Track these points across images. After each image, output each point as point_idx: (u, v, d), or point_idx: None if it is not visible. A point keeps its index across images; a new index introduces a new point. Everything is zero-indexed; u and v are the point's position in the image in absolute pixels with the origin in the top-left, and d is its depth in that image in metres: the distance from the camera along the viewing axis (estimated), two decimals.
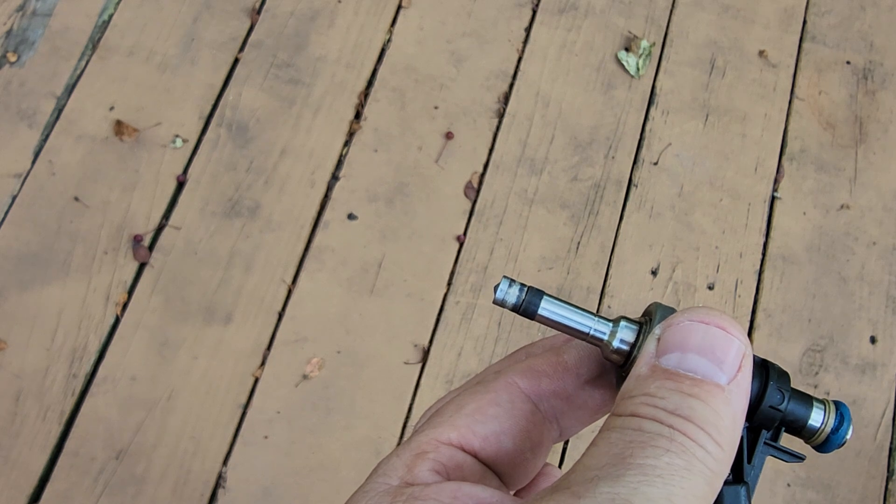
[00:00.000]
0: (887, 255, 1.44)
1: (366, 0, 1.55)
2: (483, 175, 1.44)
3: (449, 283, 1.37)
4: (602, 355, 0.36)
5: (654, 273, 1.40)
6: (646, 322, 0.35)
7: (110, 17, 1.52)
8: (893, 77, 1.57)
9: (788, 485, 1.30)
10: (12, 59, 1.47)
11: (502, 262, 1.39)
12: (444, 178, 1.43)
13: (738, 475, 0.34)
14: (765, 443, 0.35)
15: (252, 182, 1.41)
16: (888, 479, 1.32)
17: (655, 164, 1.47)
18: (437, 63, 1.52)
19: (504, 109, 1.49)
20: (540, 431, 0.37)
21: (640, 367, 0.32)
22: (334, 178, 1.43)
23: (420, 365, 1.32)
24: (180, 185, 1.41)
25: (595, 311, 0.36)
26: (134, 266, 1.35)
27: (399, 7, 1.55)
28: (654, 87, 1.53)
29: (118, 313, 1.32)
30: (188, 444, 1.26)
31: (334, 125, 1.46)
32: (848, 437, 0.35)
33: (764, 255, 1.43)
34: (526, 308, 0.35)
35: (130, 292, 1.34)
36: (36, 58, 1.48)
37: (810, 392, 0.37)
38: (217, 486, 1.25)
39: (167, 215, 1.39)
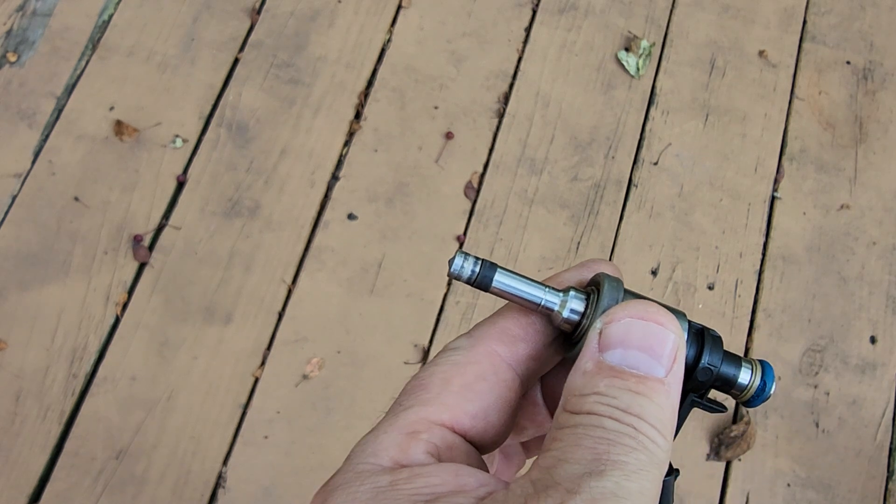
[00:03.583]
0: (887, 255, 1.44)
1: (366, 0, 1.55)
2: (483, 175, 1.44)
3: (449, 283, 1.37)
4: (553, 323, 0.38)
5: (654, 273, 1.40)
6: (593, 292, 0.37)
7: (110, 17, 1.52)
8: (893, 77, 1.57)
9: (788, 485, 1.30)
10: (12, 59, 1.47)
11: (502, 262, 1.38)
12: (444, 178, 1.43)
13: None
14: (692, 400, 0.38)
15: (252, 182, 1.41)
16: (888, 479, 1.32)
17: (655, 164, 1.47)
18: (437, 63, 1.52)
19: (504, 109, 1.49)
20: (518, 398, 0.38)
21: (585, 361, 0.34)
22: (334, 178, 1.43)
23: (420, 365, 1.32)
24: (180, 185, 1.41)
25: (545, 283, 0.38)
26: (134, 266, 1.35)
27: (399, 7, 1.55)
28: (654, 87, 1.53)
29: (118, 313, 1.32)
30: (188, 444, 1.26)
31: (334, 125, 1.46)
32: (772, 391, 0.38)
33: (764, 255, 1.43)
34: (480, 281, 0.37)
35: (130, 292, 1.34)
36: (36, 58, 1.48)
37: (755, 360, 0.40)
38: (217, 486, 1.25)
39: (167, 215, 1.39)
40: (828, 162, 1.50)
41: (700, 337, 0.38)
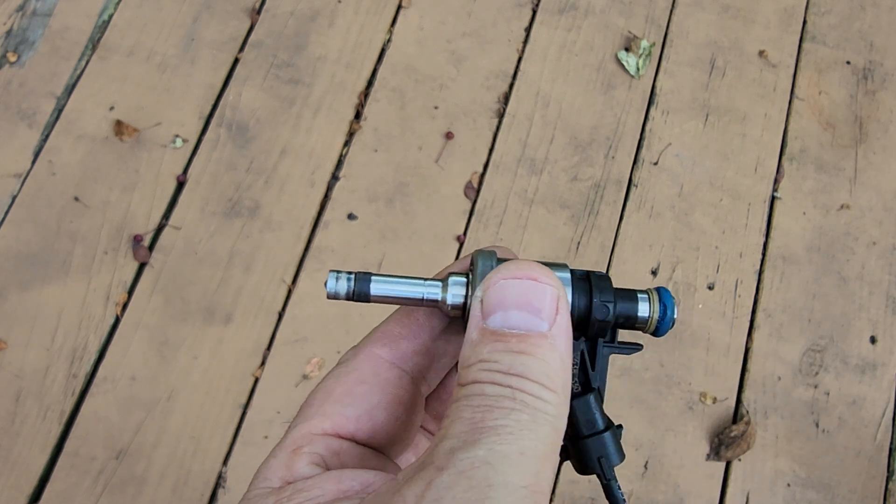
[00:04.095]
0: (887, 255, 1.44)
1: (366, 0, 1.55)
2: (483, 175, 1.44)
3: None
4: (446, 314, 0.38)
5: (654, 273, 1.40)
6: (471, 272, 0.38)
7: (110, 17, 1.52)
8: (893, 77, 1.57)
9: (788, 485, 1.30)
10: (12, 59, 1.47)
11: None
12: (444, 178, 1.43)
13: (587, 385, 0.38)
14: (603, 345, 0.38)
15: (252, 182, 1.41)
16: (888, 479, 1.32)
17: (655, 164, 1.47)
18: (437, 63, 1.52)
19: (504, 109, 1.49)
20: (410, 393, 0.39)
21: (471, 331, 0.34)
22: (334, 178, 1.43)
23: None
24: (180, 185, 1.41)
25: (424, 277, 0.39)
26: (134, 266, 1.35)
27: (399, 7, 1.55)
28: (654, 87, 1.53)
29: (118, 313, 1.32)
30: (188, 444, 1.26)
31: (334, 125, 1.46)
32: (675, 315, 0.39)
33: (764, 255, 1.43)
34: (358, 294, 0.38)
35: (130, 292, 1.34)
36: (36, 58, 1.48)
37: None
38: (217, 486, 1.25)
39: (167, 215, 1.39)
40: (828, 162, 1.50)
41: (587, 281, 0.38)
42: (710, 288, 1.40)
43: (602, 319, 0.37)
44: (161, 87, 1.47)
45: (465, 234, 1.40)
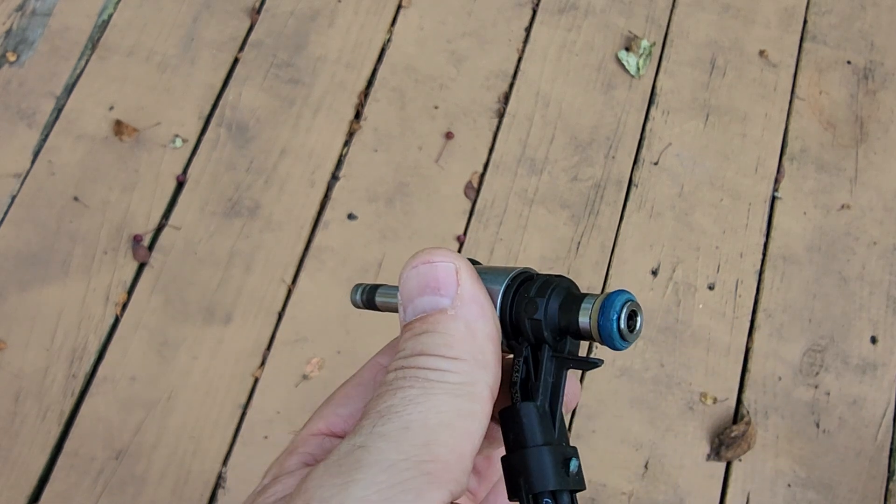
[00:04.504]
0: (888, 255, 1.44)
1: (366, 0, 1.55)
2: (483, 175, 1.44)
3: None
4: None
5: (654, 273, 1.40)
6: None
7: (110, 16, 1.52)
8: (894, 77, 1.56)
9: (789, 485, 1.30)
10: (12, 58, 1.47)
11: (502, 262, 1.38)
12: (444, 178, 1.43)
13: (527, 394, 0.34)
14: (553, 356, 0.35)
15: (252, 182, 1.41)
16: (889, 480, 1.31)
17: (656, 163, 1.47)
18: (437, 63, 1.51)
19: (504, 109, 1.49)
20: None
21: (401, 332, 0.35)
22: (334, 178, 1.42)
23: None
24: (180, 184, 1.41)
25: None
26: (134, 266, 1.35)
27: (399, 7, 1.55)
28: (654, 86, 1.52)
29: (118, 313, 1.32)
30: (188, 444, 1.26)
31: (334, 125, 1.46)
32: (626, 326, 0.33)
33: (764, 255, 1.43)
34: (367, 303, 0.41)
35: (130, 292, 1.34)
36: (35, 57, 1.48)
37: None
38: (217, 486, 1.24)
39: (167, 215, 1.39)
40: (828, 162, 1.50)
41: (520, 283, 0.35)
42: (711, 288, 1.40)
43: (532, 317, 0.34)
44: (161, 86, 1.47)
45: (465, 234, 1.40)
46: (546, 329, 0.34)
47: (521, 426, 0.33)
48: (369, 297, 0.41)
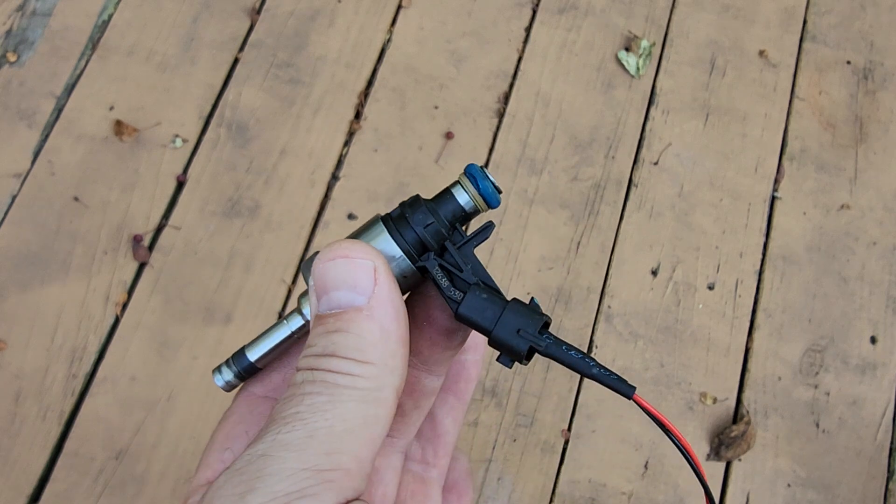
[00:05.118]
0: (887, 255, 1.44)
1: (366, 0, 1.55)
2: None
3: None
4: None
5: (654, 273, 1.40)
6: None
7: (110, 16, 1.52)
8: (894, 77, 1.56)
9: (789, 485, 1.30)
10: (12, 58, 1.47)
11: (502, 263, 1.38)
12: (444, 178, 1.43)
13: (465, 286, 0.36)
14: (458, 247, 0.37)
15: (252, 182, 1.41)
16: (888, 480, 1.31)
17: (655, 163, 1.47)
18: (437, 63, 1.51)
19: (504, 109, 1.49)
20: None
21: (312, 323, 0.34)
22: (334, 177, 1.42)
23: None
24: (180, 184, 1.41)
25: (282, 315, 0.40)
26: (134, 266, 1.35)
27: (399, 7, 1.55)
28: (654, 86, 1.53)
29: (118, 313, 1.32)
30: (188, 444, 1.26)
31: (334, 125, 1.46)
32: (493, 180, 0.38)
33: (764, 255, 1.43)
34: (245, 371, 0.39)
35: (130, 292, 1.34)
36: (36, 57, 1.48)
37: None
38: None
39: (167, 215, 1.39)
40: (828, 162, 1.50)
41: (402, 215, 0.37)
42: (711, 288, 1.40)
43: (426, 225, 0.37)
44: (161, 86, 1.47)
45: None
46: (443, 225, 0.37)
47: (484, 304, 0.35)
48: (241, 364, 0.39)
